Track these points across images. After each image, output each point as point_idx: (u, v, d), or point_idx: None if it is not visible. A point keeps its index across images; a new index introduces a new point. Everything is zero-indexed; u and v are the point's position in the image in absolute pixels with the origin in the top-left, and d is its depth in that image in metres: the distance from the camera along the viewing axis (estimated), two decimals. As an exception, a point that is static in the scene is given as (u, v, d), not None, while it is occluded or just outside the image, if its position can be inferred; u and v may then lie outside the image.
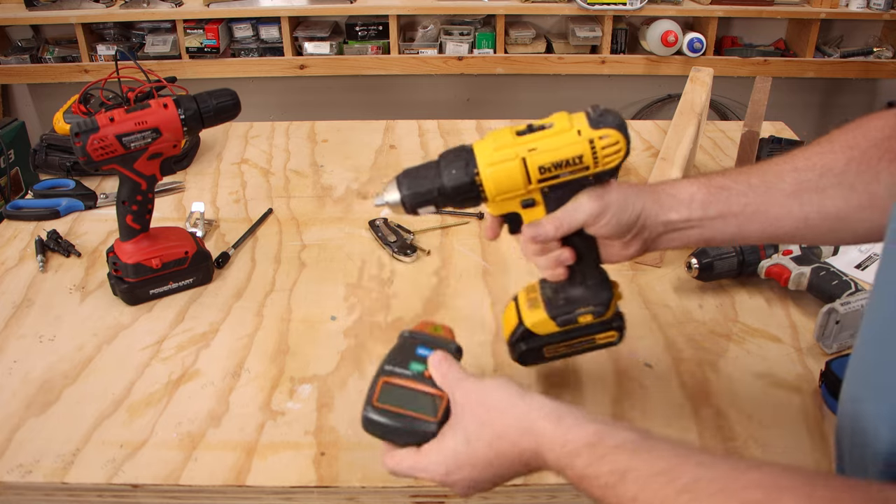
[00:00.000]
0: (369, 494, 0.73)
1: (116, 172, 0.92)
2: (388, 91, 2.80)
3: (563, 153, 0.64)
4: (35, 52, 2.57)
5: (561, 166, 0.64)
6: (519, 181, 0.65)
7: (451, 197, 0.66)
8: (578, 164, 0.64)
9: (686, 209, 0.66)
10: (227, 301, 0.99)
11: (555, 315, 0.70)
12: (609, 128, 0.63)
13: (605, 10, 2.46)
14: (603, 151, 0.63)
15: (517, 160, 0.64)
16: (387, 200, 0.68)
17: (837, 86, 2.88)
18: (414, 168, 0.68)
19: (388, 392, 0.64)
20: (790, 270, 0.95)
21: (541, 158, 0.64)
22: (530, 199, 0.66)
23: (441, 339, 0.69)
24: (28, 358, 0.88)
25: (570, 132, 0.64)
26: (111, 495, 0.73)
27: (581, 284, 0.70)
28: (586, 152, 0.63)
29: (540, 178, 0.64)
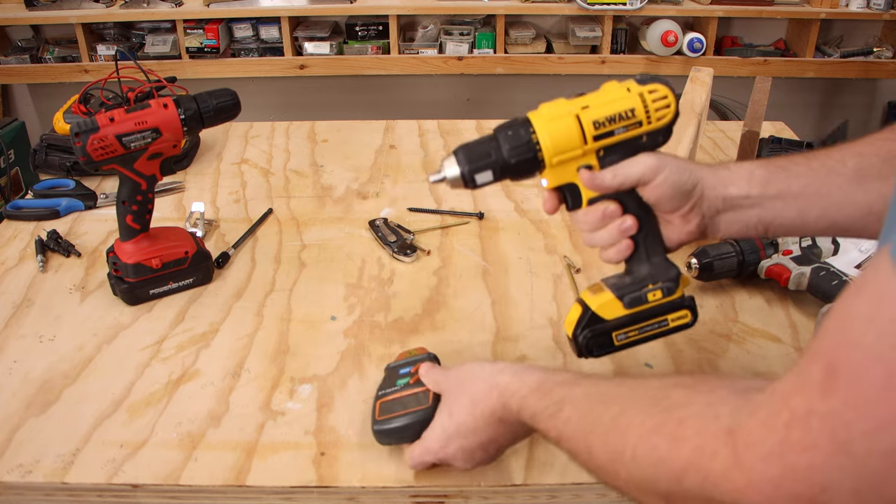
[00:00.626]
0: (369, 494, 0.73)
1: (116, 172, 0.92)
2: (388, 91, 2.80)
3: (616, 107, 0.64)
4: (35, 52, 2.57)
5: (614, 120, 0.64)
6: (575, 138, 0.65)
7: (510, 163, 0.66)
8: (631, 117, 0.65)
9: (745, 184, 0.65)
10: (227, 301, 0.99)
11: (622, 295, 0.67)
12: (656, 83, 0.65)
13: (605, 10, 2.46)
14: (654, 104, 0.65)
15: (571, 116, 0.65)
16: (446, 175, 0.68)
17: (837, 86, 2.88)
18: (470, 143, 0.68)
19: (386, 406, 0.74)
20: (790, 270, 0.95)
21: (594, 114, 0.64)
22: (587, 164, 0.66)
23: (417, 356, 0.80)
24: (28, 358, 0.88)
25: (619, 89, 0.65)
26: (111, 495, 0.73)
27: (647, 262, 0.67)
28: (638, 106, 0.64)
29: (595, 135, 0.65)
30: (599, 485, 0.72)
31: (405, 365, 0.79)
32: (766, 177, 0.65)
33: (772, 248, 0.98)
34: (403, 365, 0.79)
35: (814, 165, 0.65)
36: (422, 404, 0.71)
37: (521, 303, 0.98)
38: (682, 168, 0.65)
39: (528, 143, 0.65)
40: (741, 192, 0.65)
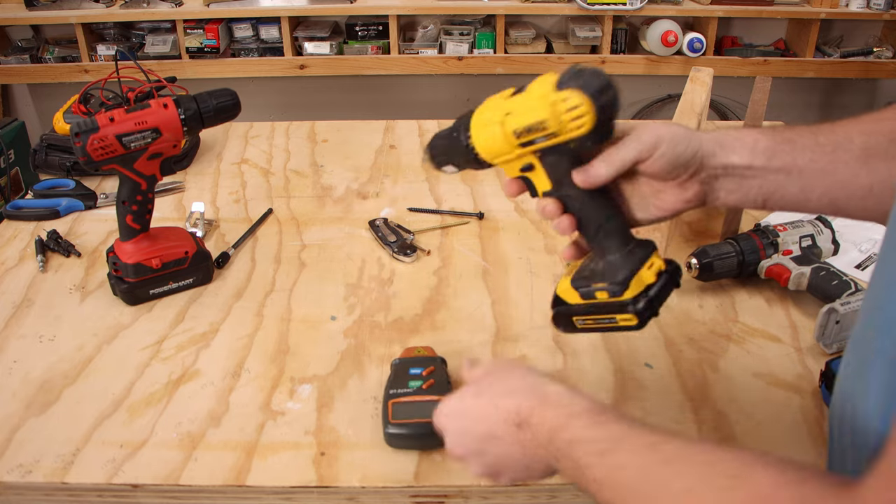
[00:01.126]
0: (369, 494, 0.73)
1: (116, 172, 0.92)
2: (388, 91, 2.80)
3: (530, 117, 0.60)
4: (35, 52, 2.57)
5: (531, 131, 0.61)
6: (503, 144, 0.63)
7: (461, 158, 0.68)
8: (545, 129, 0.60)
9: (749, 154, 0.62)
10: (227, 301, 0.99)
11: (576, 286, 0.66)
12: (573, 89, 0.57)
13: (605, 10, 2.46)
14: (567, 115, 0.58)
15: (496, 125, 0.63)
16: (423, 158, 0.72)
17: (837, 86, 2.88)
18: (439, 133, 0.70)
19: (399, 409, 0.75)
20: (790, 270, 0.95)
21: (513, 123, 0.62)
22: (527, 164, 0.64)
23: (426, 357, 0.81)
24: (28, 358, 0.88)
25: (539, 95, 0.60)
26: (111, 495, 0.73)
27: (602, 258, 0.65)
28: (549, 116, 0.59)
29: (519, 143, 0.62)
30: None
31: (415, 364, 0.79)
32: (770, 148, 0.62)
33: (772, 248, 0.98)
34: (413, 364, 0.79)
35: (820, 140, 0.62)
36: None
37: (521, 303, 0.98)
38: (678, 139, 0.62)
39: (468, 147, 0.66)
40: (743, 161, 0.62)
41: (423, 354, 0.82)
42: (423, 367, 0.79)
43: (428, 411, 0.68)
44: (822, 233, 1.00)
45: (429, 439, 0.71)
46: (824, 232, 1.01)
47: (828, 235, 1.01)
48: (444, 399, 0.65)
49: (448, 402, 0.64)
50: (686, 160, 0.62)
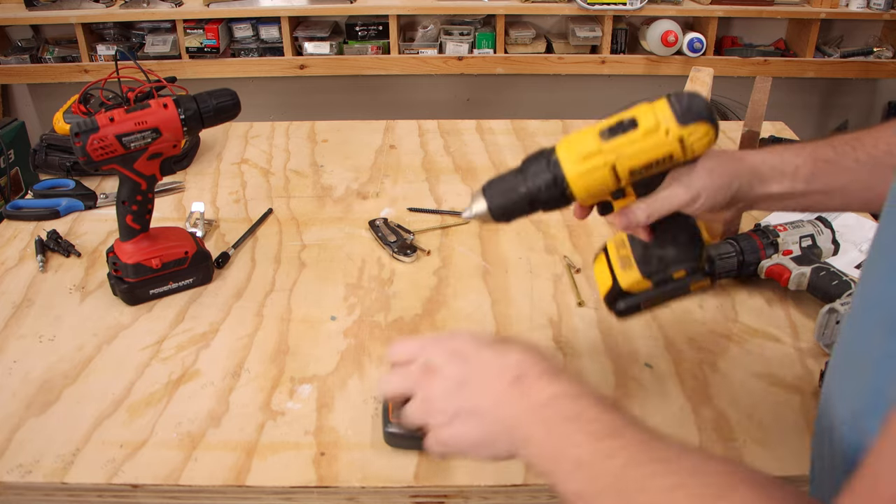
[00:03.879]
0: (369, 494, 0.73)
1: (116, 172, 0.92)
2: (388, 91, 2.80)
3: (653, 154, 0.63)
4: (35, 52, 2.56)
5: (651, 167, 0.64)
6: (609, 184, 0.65)
7: (541, 206, 0.67)
8: (669, 161, 0.64)
9: (790, 182, 0.64)
10: (227, 301, 0.99)
11: (649, 274, 0.69)
12: (697, 121, 0.62)
13: (605, 10, 2.46)
14: (693, 145, 0.63)
15: (607, 168, 0.64)
16: (475, 212, 0.68)
17: (837, 86, 2.88)
18: (498, 179, 0.68)
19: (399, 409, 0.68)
20: (790, 270, 0.95)
21: (631, 163, 0.64)
22: (620, 192, 0.67)
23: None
24: (28, 358, 0.88)
25: (657, 133, 0.62)
26: (111, 495, 0.73)
27: (672, 243, 0.68)
28: (676, 150, 0.63)
29: (630, 179, 0.65)
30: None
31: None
32: (811, 172, 0.64)
33: (772, 248, 0.98)
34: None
35: (860, 157, 0.63)
36: None
37: (521, 303, 0.98)
38: (719, 187, 0.64)
39: (561, 194, 0.66)
40: (783, 189, 0.65)
41: None
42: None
43: None
44: (822, 233, 1.00)
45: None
46: (824, 232, 1.01)
47: (828, 235, 1.01)
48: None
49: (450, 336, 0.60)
50: (724, 203, 0.65)
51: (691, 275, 0.69)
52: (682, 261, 0.69)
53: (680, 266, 0.69)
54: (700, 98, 0.63)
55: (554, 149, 0.66)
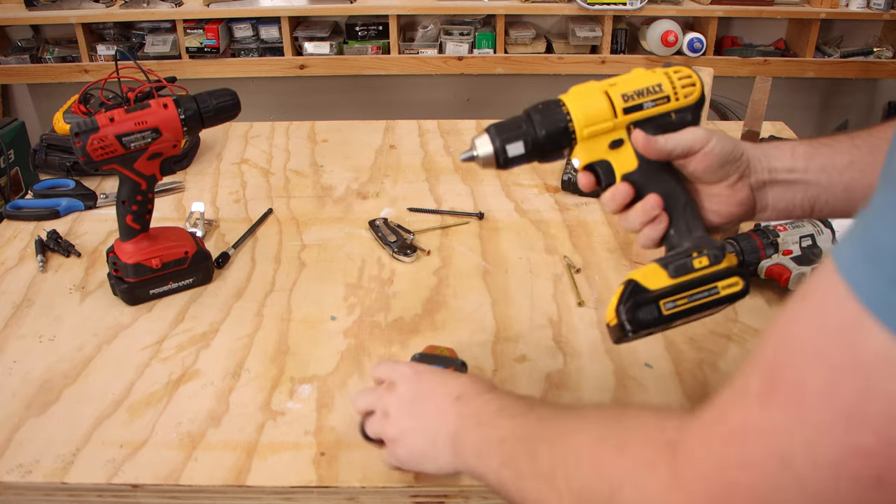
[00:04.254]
0: (369, 494, 0.73)
1: (116, 172, 0.92)
2: (388, 91, 2.80)
3: (643, 83, 0.67)
4: (35, 52, 2.57)
5: (643, 94, 0.66)
6: (605, 110, 0.66)
7: (541, 135, 0.66)
8: (659, 91, 0.67)
9: (789, 158, 0.65)
10: (227, 301, 0.99)
11: (666, 263, 0.62)
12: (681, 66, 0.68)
13: (605, 10, 2.46)
14: (680, 82, 0.67)
15: (601, 92, 0.67)
16: (478, 154, 0.67)
17: (837, 86, 2.88)
18: (503, 122, 0.68)
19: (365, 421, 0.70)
20: (790, 270, 0.95)
21: (623, 88, 0.67)
22: (618, 138, 0.67)
23: (448, 357, 0.78)
24: (28, 358, 0.88)
25: (646, 71, 0.68)
26: (111, 495, 0.73)
27: (688, 235, 0.65)
28: (664, 81, 0.67)
29: (625, 108, 0.66)
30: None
31: (435, 363, 0.76)
32: (809, 151, 0.65)
33: (772, 248, 0.98)
34: (433, 361, 0.77)
35: (857, 142, 0.64)
36: None
37: (521, 303, 0.98)
38: (726, 139, 0.66)
39: (559, 115, 0.66)
40: (785, 164, 0.65)
41: (446, 354, 0.80)
42: (443, 365, 0.75)
43: None
44: (822, 233, 1.00)
45: None
46: (824, 232, 1.01)
47: (828, 235, 1.01)
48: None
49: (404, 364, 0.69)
50: (735, 158, 0.65)
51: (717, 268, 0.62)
52: (702, 247, 0.63)
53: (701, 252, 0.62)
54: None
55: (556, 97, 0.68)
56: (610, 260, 1.07)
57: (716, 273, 0.62)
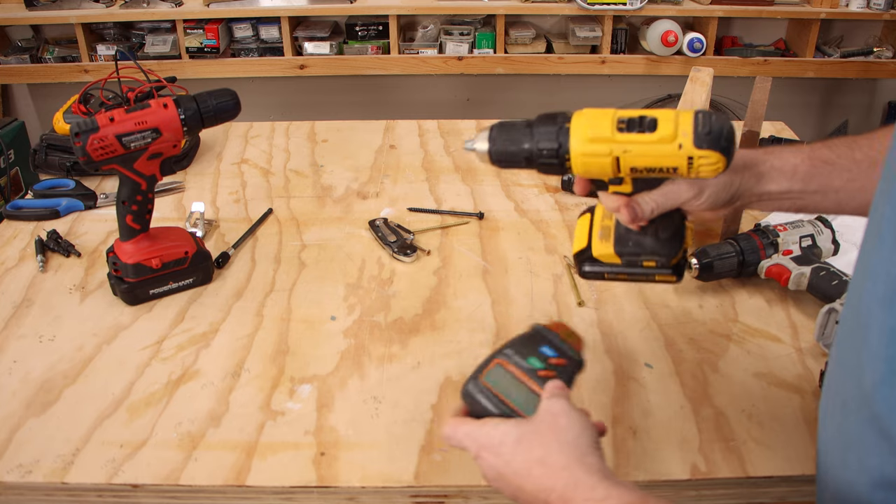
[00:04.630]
0: (369, 494, 0.73)
1: (116, 172, 0.92)
2: (388, 91, 2.80)
3: (658, 162, 0.62)
4: (35, 52, 2.56)
5: (653, 171, 0.63)
6: (608, 172, 0.65)
7: (537, 166, 0.67)
8: (672, 173, 0.63)
9: (787, 181, 0.65)
10: (227, 301, 0.99)
11: (621, 253, 0.70)
12: (712, 149, 0.60)
13: (605, 10, 2.46)
14: (700, 168, 0.62)
15: (610, 157, 0.63)
16: (476, 148, 0.68)
17: (837, 86, 2.88)
18: (509, 124, 0.68)
19: (497, 374, 0.64)
20: (790, 270, 0.95)
21: (634, 161, 0.63)
22: (618, 179, 0.67)
23: (569, 347, 0.69)
24: (28, 358, 0.88)
25: (671, 144, 0.61)
26: (111, 495, 0.73)
27: (654, 235, 0.69)
28: (682, 166, 0.62)
29: (630, 174, 0.65)
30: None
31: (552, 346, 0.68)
32: (809, 173, 0.64)
33: (772, 248, 0.98)
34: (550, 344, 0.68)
35: (857, 157, 0.64)
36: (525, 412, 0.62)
37: (521, 303, 0.98)
38: (722, 186, 0.64)
39: (560, 164, 0.66)
40: (781, 188, 0.65)
41: (570, 343, 0.70)
42: (558, 353, 0.67)
43: (522, 399, 0.62)
44: (822, 233, 1.00)
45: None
46: (824, 232, 1.01)
47: (828, 235, 1.01)
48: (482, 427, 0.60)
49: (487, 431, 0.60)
50: (725, 201, 0.65)
51: (660, 267, 0.70)
52: (656, 253, 0.69)
53: (652, 257, 0.69)
54: (725, 126, 0.61)
55: (569, 118, 0.66)
56: (610, 260, 1.07)
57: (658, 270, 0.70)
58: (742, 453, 0.75)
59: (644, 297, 0.99)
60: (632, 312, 0.96)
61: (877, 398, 0.46)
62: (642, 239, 0.70)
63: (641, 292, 1.00)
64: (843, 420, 0.51)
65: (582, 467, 0.55)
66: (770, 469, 0.73)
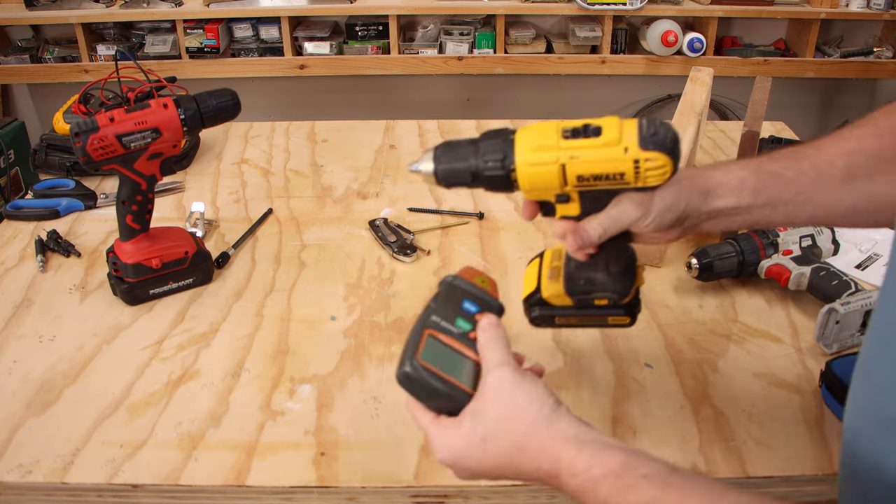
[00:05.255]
0: (369, 494, 0.73)
1: (116, 172, 0.92)
2: (388, 91, 2.80)
3: (605, 167, 0.61)
4: (35, 52, 2.57)
5: (600, 179, 0.62)
6: (555, 183, 0.64)
7: (484, 183, 0.66)
8: (619, 179, 0.62)
9: (735, 197, 0.64)
10: (227, 301, 0.99)
11: (572, 292, 0.69)
12: (658, 150, 0.60)
13: (605, 10, 2.46)
14: (647, 173, 0.61)
15: (556, 165, 0.62)
16: (421, 169, 0.67)
17: (837, 86, 2.88)
18: (453, 143, 0.67)
19: (433, 349, 0.61)
20: (790, 270, 0.95)
21: (581, 168, 0.62)
22: (565, 196, 0.65)
23: (487, 295, 0.67)
24: (28, 358, 0.88)
25: (616, 148, 0.61)
26: (111, 495, 0.73)
27: (604, 270, 0.68)
28: (628, 171, 0.61)
29: (577, 185, 0.63)
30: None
31: (472, 297, 0.66)
32: (756, 187, 0.64)
33: (772, 248, 0.98)
34: (470, 295, 0.66)
35: (804, 167, 0.64)
36: (466, 385, 0.59)
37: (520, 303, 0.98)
38: (668, 206, 0.64)
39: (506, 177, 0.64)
40: (729, 204, 0.65)
41: (486, 289, 0.67)
42: (480, 306, 0.65)
43: (460, 371, 0.60)
44: (822, 233, 1.00)
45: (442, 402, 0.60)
46: (824, 232, 1.01)
47: (828, 235, 1.01)
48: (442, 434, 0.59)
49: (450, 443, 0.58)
50: (672, 222, 0.65)
51: (613, 307, 0.69)
52: (608, 289, 0.68)
53: (604, 294, 0.68)
54: (671, 130, 0.61)
55: (514, 131, 0.65)
56: (610, 260, 1.07)
57: (610, 308, 0.69)
58: (742, 453, 0.75)
59: (644, 297, 0.98)
60: (632, 312, 0.96)
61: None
62: (593, 275, 0.68)
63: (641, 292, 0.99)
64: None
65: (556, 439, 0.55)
66: (770, 469, 0.73)
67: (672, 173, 0.62)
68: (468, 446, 0.58)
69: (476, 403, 0.59)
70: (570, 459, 0.53)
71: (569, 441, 0.54)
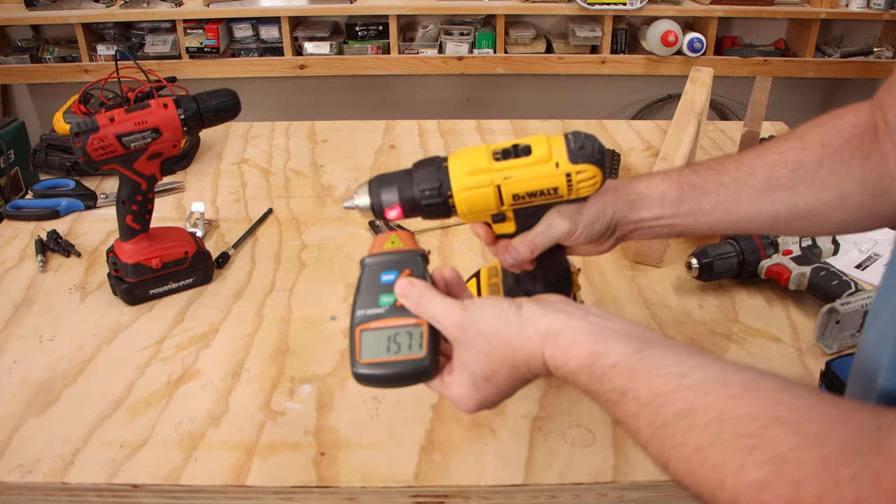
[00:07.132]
0: (369, 494, 0.73)
1: (116, 172, 0.92)
2: (388, 91, 2.80)
3: (539, 184, 0.64)
4: (35, 52, 2.57)
5: (535, 195, 0.65)
6: (492, 204, 0.66)
7: (421, 212, 0.68)
8: (553, 194, 0.65)
9: (658, 207, 0.68)
10: (227, 301, 0.99)
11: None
12: (587, 162, 0.64)
13: (605, 10, 2.46)
14: (579, 185, 0.65)
15: (492, 187, 0.65)
16: (357, 204, 0.68)
17: (837, 86, 2.88)
18: (388, 175, 0.68)
19: (370, 342, 0.58)
20: (790, 270, 0.95)
21: (515, 187, 0.65)
22: (501, 215, 0.68)
23: (401, 252, 0.62)
24: (28, 358, 0.88)
25: (548, 164, 0.64)
26: (111, 495, 0.73)
27: (542, 280, 0.71)
28: (562, 185, 0.64)
29: (513, 203, 0.66)
30: (599, 485, 0.72)
31: (389, 266, 0.61)
32: (678, 198, 0.67)
33: (772, 247, 0.98)
34: (387, 265, 0.62)
35: (724, 180, 0.67)
36: (415, 352, 0.57)
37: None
38: (596, 217, 0.67)
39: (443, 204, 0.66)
40: (653, 214, 0.68)
41: (398, 248, 0.63)
42: (397, 269, 0.61)
43: (403, 345, 0.57)
44: (822, 233, 1.00)
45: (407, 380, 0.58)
46: (824, 232, 1.01)
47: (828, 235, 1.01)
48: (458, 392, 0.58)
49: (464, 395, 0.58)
50: (601, 232, 0.68)
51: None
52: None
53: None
54: (596, 142, 0.64)
55: (446, 157, 0.66)
56: (610, 260, 1.06)
57: None
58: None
59: (644, 297, 0.99)
60: (632, 312, 0.96)
61: None
62: (531, 287, 0.71)
63: (641, 292, 1.00)
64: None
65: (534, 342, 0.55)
66: (770, 469, 0.73)
67: (602, 183, 0.65)
68: (481, 389, 0.58)
69: (459, 354, 0.58)
70: (551, 356, 0.54)
71: (544, 339, 0.54)
